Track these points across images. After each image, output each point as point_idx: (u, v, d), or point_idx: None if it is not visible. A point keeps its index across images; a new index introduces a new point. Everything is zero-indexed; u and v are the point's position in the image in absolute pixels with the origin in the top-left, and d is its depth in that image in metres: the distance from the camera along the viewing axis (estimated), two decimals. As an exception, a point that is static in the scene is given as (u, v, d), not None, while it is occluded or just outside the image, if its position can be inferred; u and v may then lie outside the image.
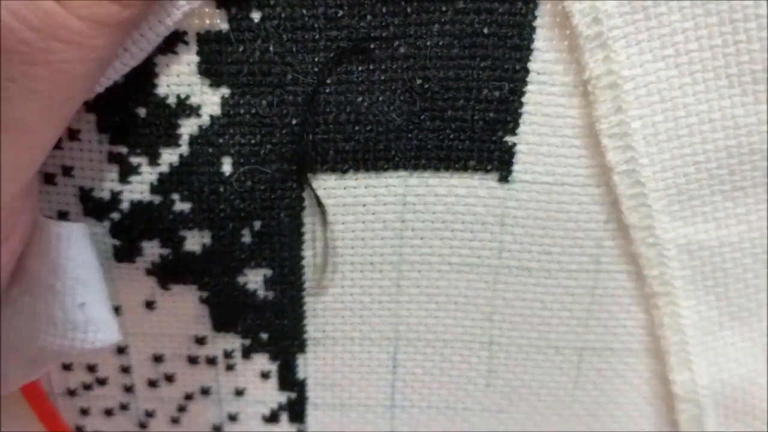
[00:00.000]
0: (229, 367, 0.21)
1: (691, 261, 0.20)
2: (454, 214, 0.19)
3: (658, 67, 0.18)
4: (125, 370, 0.22)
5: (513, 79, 0.18)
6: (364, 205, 0.19)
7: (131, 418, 0.22)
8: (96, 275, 0.19)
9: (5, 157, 0.16)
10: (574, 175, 0.19)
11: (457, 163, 0.19)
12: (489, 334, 0.21)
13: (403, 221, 0.19)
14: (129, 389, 0.22)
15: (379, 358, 0.21)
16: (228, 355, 0.21)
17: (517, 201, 0.19)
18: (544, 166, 0.19)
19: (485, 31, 0.17)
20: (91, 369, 0.22)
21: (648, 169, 0.19)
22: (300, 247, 0.20)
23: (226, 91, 0.18)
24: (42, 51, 0.15)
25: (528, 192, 0.19)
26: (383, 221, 0.19)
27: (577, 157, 0.19)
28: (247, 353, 0.21)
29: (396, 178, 0.19)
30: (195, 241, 0.19)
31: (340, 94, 0.18)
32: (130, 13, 0.16)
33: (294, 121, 0.18)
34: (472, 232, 0.19)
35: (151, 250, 0.19)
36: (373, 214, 0.19)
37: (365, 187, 0.19)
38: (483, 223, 0.19)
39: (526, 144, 0.18)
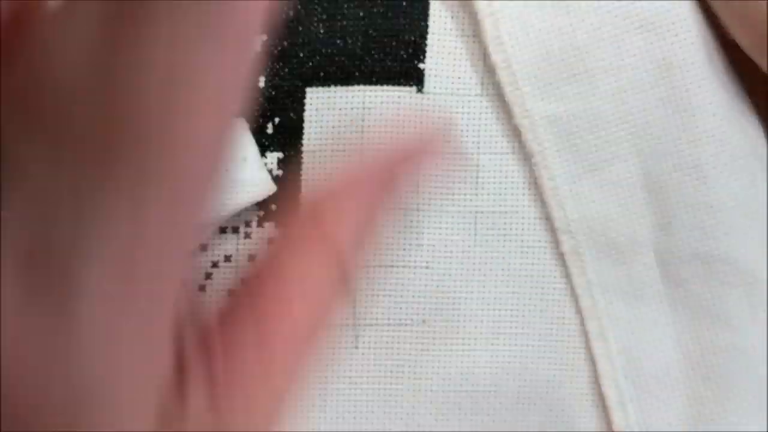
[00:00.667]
0: (246, 235, 0.30)
1: (555, 128, 0.29)
2: (392, 114, 0.30)
3: None
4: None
5: (420, 28, 0.30)
6: (340, 108, 0.30)
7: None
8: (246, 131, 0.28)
9: None
10: (467, 87, 0.31)
11: (394, 80, 0.30)
12: (416, 202, 0.31)
13: (362, 120, 0.30)
14: None
15: None
16: (247, 224, 0.30)
17: (428, 104, 0.30)
18: (443, 82, 0.31)
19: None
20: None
21: (518, 58, 0.29)
22: (301, 138, 0.30)
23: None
24: None
25: (434, 99, 0.31)
26: (349, 119, 0.30)
27: (469, 77, 0.30)
28: (260, 222, 0.30)
29: (356, 90, 0.30)
30: None
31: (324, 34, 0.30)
32: None
33: (300, 54, 0.30)
34: (404, 126, 0.30)
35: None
36: (342, 112, 0.30)
37: (340, 96, 0.30)
38: (408, 120, 0.31)
39: (431, 68, 0.31)
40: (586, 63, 0.30)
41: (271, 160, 0.30)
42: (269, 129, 0.30)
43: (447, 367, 0.31)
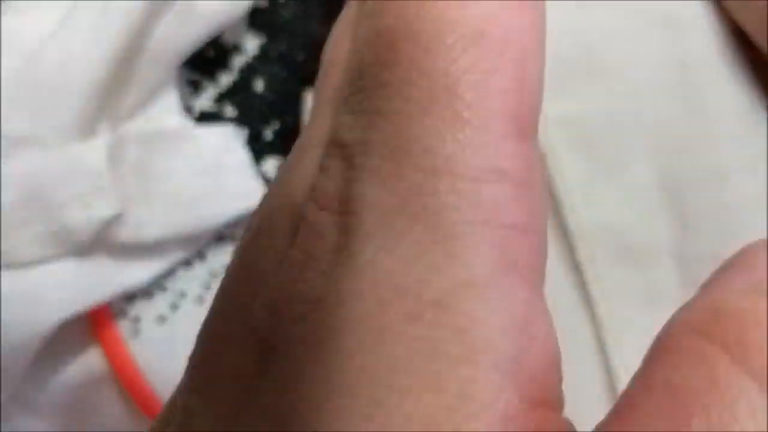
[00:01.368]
0: None
1: (568, 129, 0.29)
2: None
3: None
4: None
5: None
6: None
7: (167, 299, 0.30)
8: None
9: None
10: None
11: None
12: None
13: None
14: (170, 271, 0.29)
15: None
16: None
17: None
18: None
19: None
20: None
21: None
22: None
23: (262, 40, 0.29)
24: None
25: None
26: None
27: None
28: (261, 230, 0.30)
29: None
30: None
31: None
32: None
33: (299, 57, 0.30)
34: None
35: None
36: None
37: None
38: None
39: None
40: (600, 62, 0.29)
41: (270, 165, 0.30)
42: (268, 134, 0.30)
43: None
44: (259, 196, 0.29)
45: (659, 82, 0.29)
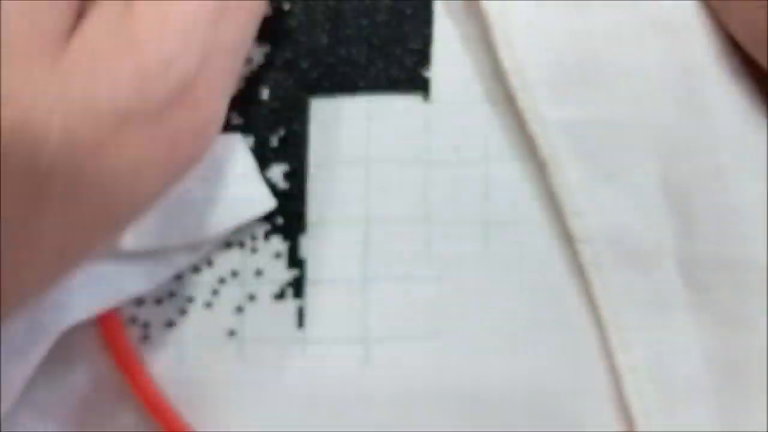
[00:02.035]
0: (253, 250, 0.30)
1: (570, 134, 0.29)
2: (399, 122, 0.30)
3: None
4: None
5: (425, 35, 0.30)
6: (345, 118, 0.30)
7: (175, 304, 0.30)
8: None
9: None
10: (474, 94, 0.30)
11: (399, 88, 0.30)
12: (425, 212, 0.30)
13: (368, 129, 0.30)
14: (179, 276, 0.30)
15: (353, 237, 0.30)
16: (253, 238, 0.30)
17: (434, 112, 0.30)
18: (449, 90, 0.30)
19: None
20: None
21: (530, 63, 0.28)
22: (306, 149, 0.30)
23: (267, 48, 0.30)
24: None
25: (440, 106, 0.30)
26: (355, 128, 0.30)
27: (476, 84, 0.30)
28: (267, 236, 0.30)
29: (361, 99, 0.30)
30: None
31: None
32: None
33: (304, 65, 0.30)
34: (410, 135, 0.30)
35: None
36: (348, 122, 0.30)
37: (345, 106, 0.30)
38: (415, 128, 0.30)
39: (437, 76, 0.30)
40: (602, 67, 0.29)
41: (276, 173, 0.30)
42: (274, 141, 0.30)
43: (460, 380, 0.30)
44: (266, 203, 0.29)
45: (660, 86, 0.29)
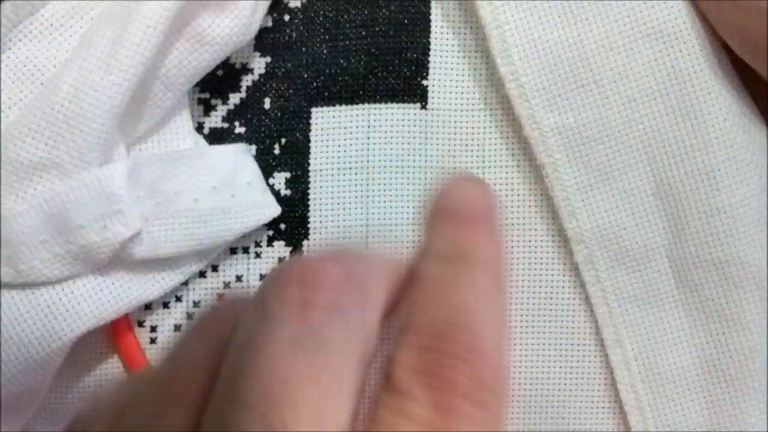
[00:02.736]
0: (257, 255, 0.31)
1: (566, 139, 0.29)
2: (398, 130, 0.31)
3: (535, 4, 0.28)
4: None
5: (423, 45, 0.31)
6: (345, 127, 0.31)
7: (182, 309, 0.31)
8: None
9: None
10: (471, 102, 0.31)
11: (397, 97, 0.31)
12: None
13: (368, 137, 0.31)
14: (185, 282, 0.30)
15: (355, 241, 0.31)
16: (257, 244, 0.31)
17: (432, 120, 0.31)
18: (446, 98, 0.31)
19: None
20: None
21: (526, 71, 0.29)
22: (308, 157, 0.31)
23: (268, 58, 0.31)
24: None
25: (438, 115, 0.31)
26: (355, 137, 0.31)
27: (472, 92, 0.31)
28: (270, 241, 0.31)
29: (361, 109, 0.31)
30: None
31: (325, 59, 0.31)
32: None
33: (305, 75, 0.31)
34: (409, 143, 0.31)
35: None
36: (347, 130, 0.31)
37: (345, 115, 0.31)
38: (413, 136, 0.31)
39: (434, 84, 0.31)
40: (595, 73, 0.30)
41: (278, 180, 0.31)
42: (276, 149, 0.31)
43: None
44: (272, 210, 0.29)
45: (651, 91, 0.29)
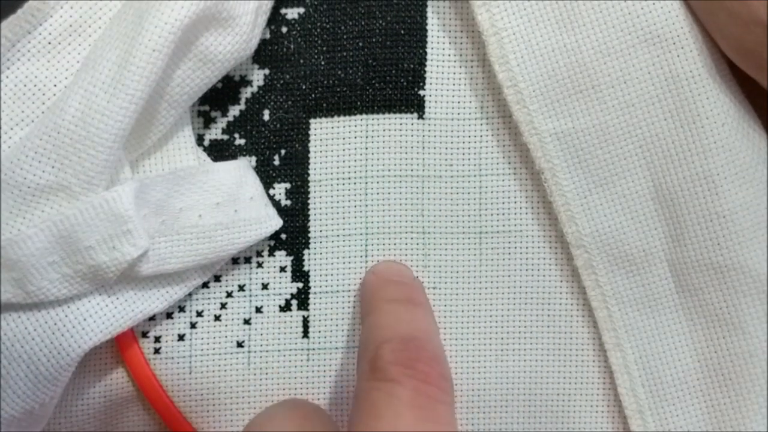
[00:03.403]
0: (259, 265, 0.31)
1: (564, 144, 0.29)
2: (395, 140, 0.31)
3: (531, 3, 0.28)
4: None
5: (419, 55, 0.31)
6: (344, 137, 0.31)
7: (185, 319, 0.31)
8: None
9: None
10: (467, 111, 0.31)
11: (395, 108, 0.31)
12: (422, 225, 0.31)
13: (366, 147, 0.31)
14: (188, 293, 0.31)
15: (354, 249, 0.31)
16: (259, 254, 0.31)
17: (430, 130, 0.31)
18: (443, 108, 0.31)
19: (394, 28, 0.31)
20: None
21: (524, 77, 0.29)
22: (307, 168, 0.31)
23: (267, 71, 0.31)
24: None
25: (435, 124, 0.31)
26: (353, 147, 0.31)
27: (469, 101, 0.31)
28: (272, 251, 0.31)
29: (359, 119, 0.31)
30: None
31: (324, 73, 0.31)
32: None
33: (303, 86, 0.31)
34: (407, 152, 0.31)
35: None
36: (346, 141, 0.31)
37: (344, 126, 0.31)
38: (411, 145, 0.31)
39: (431, 94, 0.31)
40: (593, 78, 0.30)
41: (279, 191, 0.31)
42: (276, 160, 0.31)
43: (458, 384, 0.31)
44: (274, 223, 0.30)
45: (649, 95, 0.30)
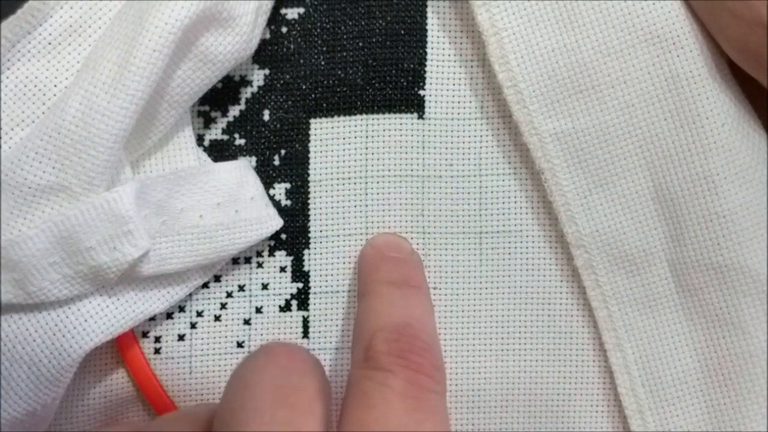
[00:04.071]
0: (259, 265, 0.31)
1: (564, 144, 0.29)
2: (395, 140, 0.31)
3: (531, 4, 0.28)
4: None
5: (419, 55, 0.31)
6: (344, 137, 0.31)
7: (186, 319, 0.31)
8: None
9: None
10: (467, 111, 0.31)
11: (395, 108, 0.31)
12: (422, 225, 0.31)
13: (366, 147, 0.31)
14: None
15: (354, 249, 0.31)
16: (259, 254, 0.31)
17: (430, 130, 0.31)
18: (443, 108, 0.31)
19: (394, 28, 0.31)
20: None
21: (524, 77, 0.29)
22: (307, 168, 0.31)
23: (267, 71, 0.31)
24: None
25: (435, 124, 0.31)
26: (353, 147, 0.31)
27: (469, 101, 0.31)
28: (272, 251, 0.31)
29: (359, 119, 0.31)
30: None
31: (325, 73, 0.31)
32: None
33: (303, 86, 0.31)
34: (407, 152, 0.31)
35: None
36: (346, 141, 0.31)
37: (344, 126, 0.31)
38: (411, 145, 0.31)
39: (431, 94, 0.31)
40: (593, 78, 0.30)
41: (279, 191, 0.31)
42: (276, 161, 0.31)
43: (458, 384, 0.31)
44: (274, 224, 0.30)
45: (649, 95, 0.30)
